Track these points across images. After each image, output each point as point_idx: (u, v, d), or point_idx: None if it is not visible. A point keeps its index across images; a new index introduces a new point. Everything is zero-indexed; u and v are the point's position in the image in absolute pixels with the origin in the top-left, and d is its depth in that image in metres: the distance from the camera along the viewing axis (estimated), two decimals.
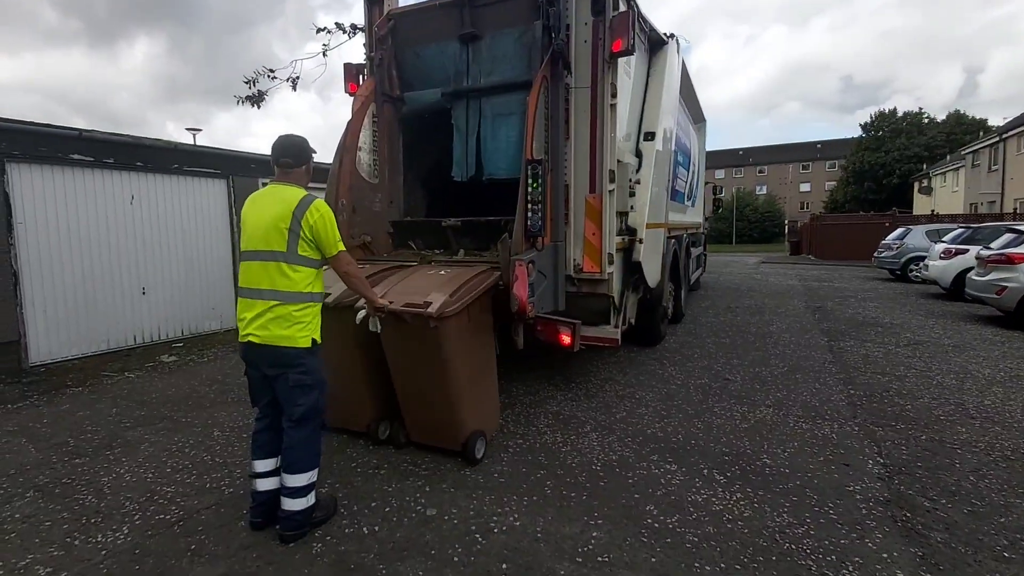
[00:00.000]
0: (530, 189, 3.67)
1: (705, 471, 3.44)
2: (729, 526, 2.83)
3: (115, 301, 7.12)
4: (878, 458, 3.61)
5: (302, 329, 2.65)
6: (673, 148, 6.48)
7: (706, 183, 12.14)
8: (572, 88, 4.19)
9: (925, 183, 37.40)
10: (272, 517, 2.76)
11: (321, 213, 2.67)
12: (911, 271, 13.86)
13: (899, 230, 15.47)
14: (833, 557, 2.56)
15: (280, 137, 2.86)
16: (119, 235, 7.14)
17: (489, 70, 4.54)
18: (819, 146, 64.04)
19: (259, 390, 2.81)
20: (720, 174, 62.26)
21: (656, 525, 2.84)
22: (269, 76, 6.31)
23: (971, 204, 27.35)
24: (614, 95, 4.13)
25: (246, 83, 6.38)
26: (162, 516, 2.97)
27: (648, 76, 5.65)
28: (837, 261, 21.75)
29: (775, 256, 28.02)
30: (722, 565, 2.51)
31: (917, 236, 14.23)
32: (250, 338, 2.64)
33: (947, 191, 32.82)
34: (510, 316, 3.54)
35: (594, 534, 2.76)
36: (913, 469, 3.45)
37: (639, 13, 4.90)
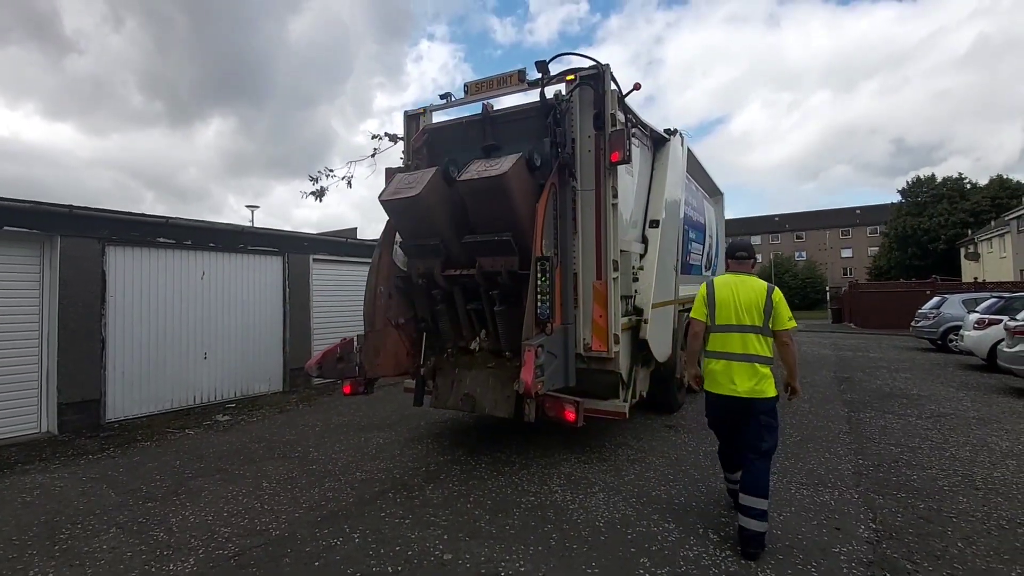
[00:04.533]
0: (539, 282, 4.28)
1: (701, 530, 3.72)
2: None
3: (180, 365, 7.98)
4: (871, 524, 3.79)
5: (771, 384, 3.48)
6: (683, 227, 7.06)
7: None
8: (579, 191, 4.90)
9: (972, 249, 36.37)
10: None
11: (780, 296, 3.55)
12: (950, 341, 13.57)
13: (935, 299, 15.27)
14: None
15: (738, 238, 4.30)
16: (189, 306, 8.12)
17: None
18: (858, 212, 63.48)
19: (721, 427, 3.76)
20: (756, 240, 62.15)
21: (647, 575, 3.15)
22: (329, 175, 7.38)
23: (1021, 270, 26.44)
24: (615, 196, 4.80)
25: (311, 179, 7.47)
26: (221, 551, 3.49)
27: (653, 169, 6.37)
28: (877, 330, 21.24)
29: (815, 324, 27.44)
30: None
31: (954, 305, 14.03)
32: (737, 392, 3.46)
33: (995, 257, 31.83)
34: None
35: None
36: (903, 535, 3.62)
37: (638, 121, 5.66)
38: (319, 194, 7.49)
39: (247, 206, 16.72)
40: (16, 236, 6.44)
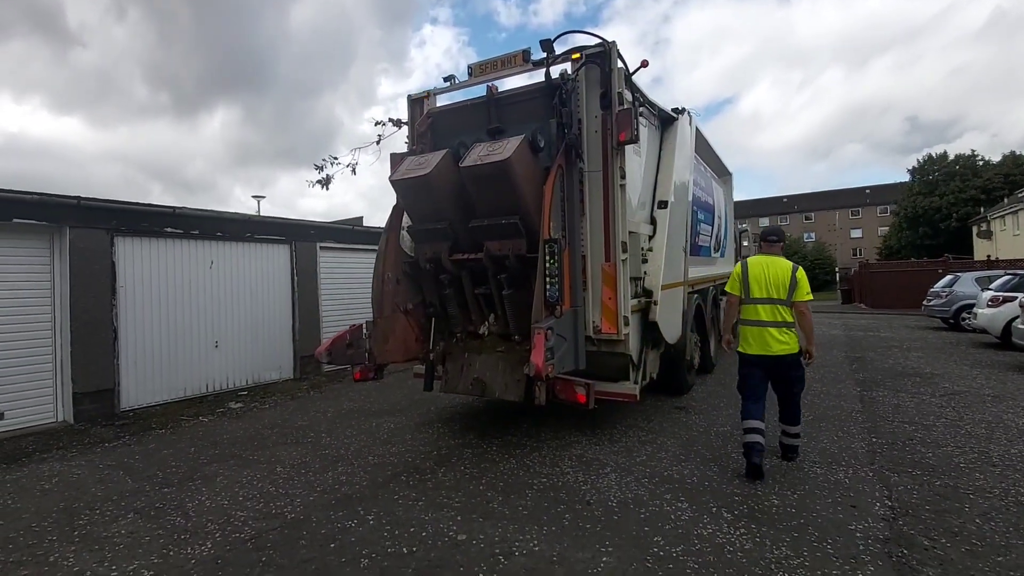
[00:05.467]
0: (547, 265, 4.24)
1: (714, 509, 3.71)
2: (729, 556, 3.11)
3: (192, 354, 8.04)
4: (887, 501, 3.77)
5: (796, 341, 4.35)
6: (692, 208, 6.97)
7: (743, 230, 12.53)
8: (586, 172, 4.83)
9: (984, 227, 35.82)
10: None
11: (803, 274, 4.34)
12: (963, 319, 13.41)
13: (947, 277, 15.08)
14: None
15: (771, 224, 5.47)
16: (198, 295, 8.16)
17: None
18: (868, 191, 62.58)
19: (760, 383, 4.43)
20: (764, 222, 61.56)
21: (661, 554, 3.15)
22: (333, 163, 7.34)
23: None
24: (623, 177, 4.73)
25: (316, 168, 7.44)
26: (237, 535, 3.53)
27: (661, 149, 6.26)
28: (888, 310, 21.05)
29: (825, 305, 27.22)
30: None
31: (966, 283, 13.84)
32: (770, 352, 4.29)
33: (1008, 235, 31.30)
34: None
35: (604, 559, 3.10)
36: (920, 512, 3.60)
37: (645, 100, 5.55)
38: (325, 182, 7.47)
39: (253, 196, 16.71)
40: (26, 228, 6.47)
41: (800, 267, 4.37)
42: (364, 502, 3.99)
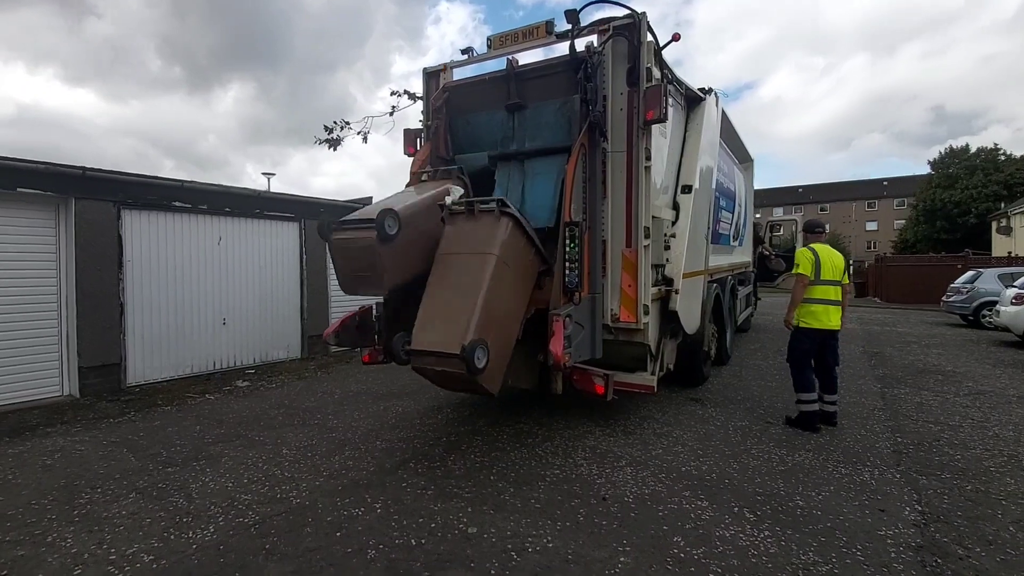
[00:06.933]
0: (567, 248, 4.04)
1: (736, 509, 3.55)
2: (753, 560, 2.96)
3: (199, 331, 7.95)
4: (916, 505, 3.60)
5: (841, 319, 5.14)
6: (714, 194, 6.72)
7: (793, 219, 12.29)
8: (609, 152, 4.59)
9: (1004, 223, 35.02)
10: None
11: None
12: (983, 317, 13.08)
13: (969, 273, 14.68)
14: None
15: (814, 218, 5.73)
16: (206, 271, 8.04)
17: (532, 135, 5.02)
18: (886, 183, 61.38)
19: (811, 355, 5.15)
20: (778, 212, 60.63)
21: (682, 556, 3.01)
22: (344, 126, 7.13)
23: None
24: (648, 158, 4.49)
25: (326, 129, 7.23)
26: (241, 519, 3.42)
27: (686, 131, 5.99)
28: (904, 304, 20.65)
29: None
30: None
31: (989, 279, 13.46)
32: (830, 326, 5.03)
33: None
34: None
35: (621, 559, 2.96)
36: (952, 518, 3.43)
37: (674, 77, 5.28)
38: (334, 143, 7.25)
39: (263, 173, 16.56)
40: (31, 198, 6.34)
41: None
42: (372, 489, 3.87)
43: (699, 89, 6.13)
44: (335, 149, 7.41)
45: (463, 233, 4.08)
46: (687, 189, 5.57)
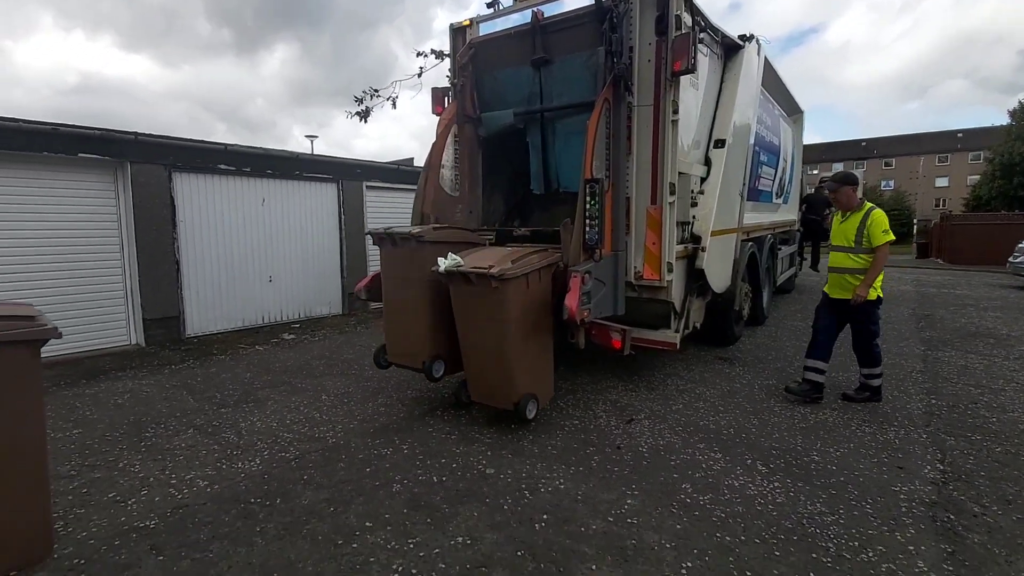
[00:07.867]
0: (588, 206, 4.03)
1: (748, 461, 3.63)
2: (759, 508, 3.05)
3: (248, 287, 8.45)
4: (938, 465, 3.57)
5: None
6: (753, 149, 6.47)
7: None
8: (635, 107, 4.48)
9: None
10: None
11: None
12: None
13: None
14: (856, 544, 2.71)
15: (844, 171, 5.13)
16: (252, 232, 8.47)
17: (560, 92, 4.94)
18: (960, 135, 56.38)
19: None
20: (838, 167, 57.03)
21: (688, 501, 3.13)
22: (373, 94, 7.20)
23: None
24: (675, 112, 4.35)
25: (356, 100, 7.33)
26: (283, 454, 3.78)
27: (722, 81, 5.73)
28: (968, 266, 19.37)
29: (897, 259, 25.29)
30: (742, 538, 2.77)
31: None
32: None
33: None
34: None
35: (628, 501, 3.12)
36: (974, 478, 3.39)
37: (708, 24, 5.04)
38: (364, 115, 7.34)
39: (306, 136, 16.90)
40: (92, 163, 6.81)
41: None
42: (400, 432, 4.15)
43: (739, 36, 5.82)
44: (366, 121, 7.49)
45: (471, 297, 3.92)
46: (720, 143, 5.40)
